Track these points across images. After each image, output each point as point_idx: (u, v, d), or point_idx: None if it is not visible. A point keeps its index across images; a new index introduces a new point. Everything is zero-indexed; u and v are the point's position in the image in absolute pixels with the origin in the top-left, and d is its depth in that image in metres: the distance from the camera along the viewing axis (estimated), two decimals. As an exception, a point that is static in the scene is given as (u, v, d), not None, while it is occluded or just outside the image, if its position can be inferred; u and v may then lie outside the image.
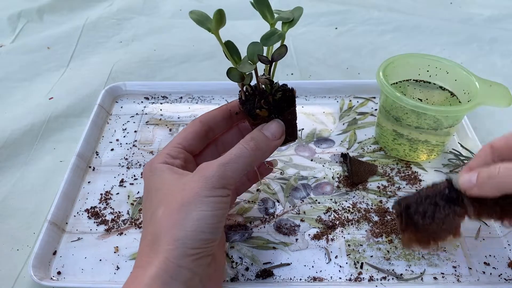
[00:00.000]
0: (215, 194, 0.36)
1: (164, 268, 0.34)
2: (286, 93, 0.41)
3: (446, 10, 0.94)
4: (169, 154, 0.41)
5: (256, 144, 0.39)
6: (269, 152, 0.40)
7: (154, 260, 0.34)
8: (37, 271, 0.45)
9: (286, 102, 0.41)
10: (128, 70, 0.78)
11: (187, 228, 0.35)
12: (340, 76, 0.77)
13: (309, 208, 0.53)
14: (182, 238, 0.35)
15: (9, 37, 0.87)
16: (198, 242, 0.35)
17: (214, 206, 0.36)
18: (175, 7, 0.96)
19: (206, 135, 0.44)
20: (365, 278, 0.46)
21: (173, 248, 0.34)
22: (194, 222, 0.35)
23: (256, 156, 0.39)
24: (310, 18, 0.92)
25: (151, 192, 0.39)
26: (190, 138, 0.43)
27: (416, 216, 0.42)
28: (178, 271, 0.34)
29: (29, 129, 0.65)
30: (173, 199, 0.36)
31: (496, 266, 0.47)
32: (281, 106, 0.40)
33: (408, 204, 0.42)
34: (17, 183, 0.58)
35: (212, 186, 0.36)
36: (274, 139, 0.40)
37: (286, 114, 0.41)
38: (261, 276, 0.46)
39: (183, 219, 0.35)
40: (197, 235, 0.35)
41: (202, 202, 0.35)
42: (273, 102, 0.40)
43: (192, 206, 0.35)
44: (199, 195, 0.36)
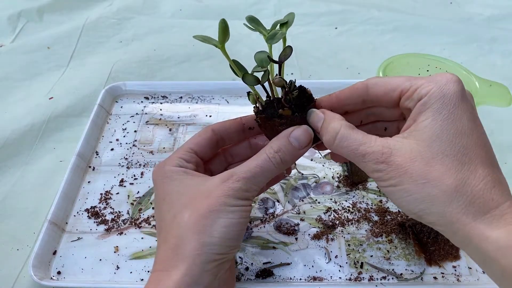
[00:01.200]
0: (240, 204, 0.37)
1: (190, 273, 0.34)
2: (302, 91, 0.40)
3: (446, 10, 0.94)
4: (182, 158, 0.41)
5: (282, 157, 0.38)
6: (293, 162, 0.39)
7: (179, 265, 0.35)
8: (37, 271, 0.45)
9: (305, 99, 0.40)
10: (128, 70, 0.78)
11: (215, 234, 0.35)
12: (340, 76, 0.77)
13: (309, 207, 0.53)
14: (210, 244, 0.35)
15: (9, 37, 0.87)
16: (224, 248, 0.36)
17: (239, 215, 0.37)
18: (175, 7, 0.96)
19: (217, 144, 0.44)
20: (365, 278, 0.46)
21: (200, 253, 0.35)
22: (222, 228, 0.36)
23: (280, 169, 0.38)
24: (310, 18, 0.92)
25: (171, 195, 0.39)
26: (203, 144, 0.43)
27: (421, 235, 0.48)
28: (202, 275, 0.35)
29: (29, 129, 0.65)
30: (199, 204, 0.37)
31: (496, 266, 0.47)
32: (301, 103, 0.39)
33: (414, 223, 0.48)
34: (17, 183, 0.58)
35: (238, 197, 0.37)
36: (301, 148, 0.38)
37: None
38: (261, 276, 0.46)
39: (210, 225, 0.36)
40: (224, 242, 0.36)
41: (228, 210, 0.36)
42: (293, 100, 0.39)
43: (219, 213, 0.36)
44: (225, 204, 0.36)
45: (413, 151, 0.33)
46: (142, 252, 0.49)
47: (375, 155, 0.34)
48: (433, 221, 0.32)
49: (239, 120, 0.44)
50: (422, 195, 0.32)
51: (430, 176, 0.32)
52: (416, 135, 0.33)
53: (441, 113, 0.33)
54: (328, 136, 0.36)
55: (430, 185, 0.31)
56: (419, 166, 0.32)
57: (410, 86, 0.35)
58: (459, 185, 0.31)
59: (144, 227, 0.51)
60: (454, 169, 0.31)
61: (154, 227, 0.52)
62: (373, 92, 0.38)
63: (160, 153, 0.61)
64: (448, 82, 0.34)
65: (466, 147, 0.32)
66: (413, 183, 0.32)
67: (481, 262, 0.31)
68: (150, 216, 0.53)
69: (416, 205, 0.32)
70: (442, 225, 0.32)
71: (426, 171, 0.32)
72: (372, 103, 0.39)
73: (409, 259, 0.47)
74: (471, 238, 0.30)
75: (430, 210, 0.32)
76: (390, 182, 0.33)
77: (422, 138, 0.33)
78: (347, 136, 0.35)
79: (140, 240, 0.50)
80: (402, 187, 0.32)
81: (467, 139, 0.32)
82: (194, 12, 0.94)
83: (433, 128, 0.33)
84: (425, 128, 0.33)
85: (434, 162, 0.32)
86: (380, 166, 0.33)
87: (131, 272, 0.47)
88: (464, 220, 0.31)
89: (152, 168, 0.59)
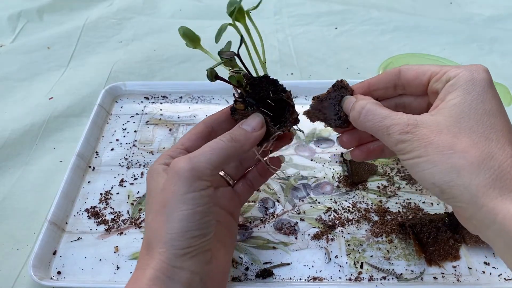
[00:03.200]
0: (192, 189, 0.35)
1: (160, 269, 0.34)
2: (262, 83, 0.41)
3: (446, 10, 0.94)
4: (169, 155, 0.41)
5: (233, 136, 0.39)
6: (249, 143, 0.39)
7: (151, 263, 0.35)
8: (37, 271, 0.45)
9: (262, 92, 0.41)
10: (128, 70, 0.78)
11: (171, 230, 0.35)
12: (340, 76, 0.76)
13: (309, 208, 0.53)
14: (170, 240, 0.35)
15: (9, 37, 0.87)
16: (187, 242, 0.35)
17: (194, 203, 0.35)
18: (175, 7, 0.96)
19: (209, 135, 0.44)
20: (365, 278, 0.46)
21: (164, 251, 0.35)
22: (177, 223, 0.35)
23: (234, 146, 0.38)
24: (310, 18, 0.92)
25: (149, 195, 0.40)
26: (193, 139, 0.43)
27: (421, 235, 0.48)
28: (174, 271, 0.35)
29: (29, 129, 0.65)
30: (156, 201, 0.37)
31: (496, 266, 0.47)
32: (260, 97, 0.41)
33: (414, 223, 0.48)
34: (17, 183, 0.58)
35: (186, 181, 0.35)
36: (254, 131, 0.39)
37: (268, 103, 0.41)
38: (261, 276, 0.46)
39: (166, 222, 0.35)
40: (183, 235, 0.35)
41: (180, 201, 0.35)
42: (246, 94, 0.41)
43: (172, 206, 0.35)
44: (175, 193, 0.35)
45: (440, 124, 0.33)
46: (142, 252, 0.49)
47: (400, 126, 0.34)
48: (456, 194, 0.31)
49: (227, 109, 0.45)
50: (447, 166, 0.31)
51: (457, 147, 0.31)
52: (444, 112, 0.34)
53: (470, 94, 0.33)
54: (354, 112, 0.38)
55: (456, 156, 0.31)
56: (445, 137, 0.32)
57: (440, 70, 0.36)
58: (487, 159, 0.31)
59: (144, 227, 0.51)
60: (482, 143, 0.31)
61: (154, 227, 0.52)
62: (405, 76, 0.39)
63: (160, 153, 0.61)
64: (478, 69, 0.35)
65: (494, 126, 0.32)
66: (439, 154, 0.31)
67: (505, 246, 0.30)
68: (150, 216, 0.53)
69: (441, 177, 0.32)
70: (465, 201, 0.31)
71: (452, 142, 0.31)
72: (403, 88, 0.40)
73: (409, 259, 0.47)
74: (496, 214, 0.29)
75: (455, 182, 0.31)
76: (414, 153, 0.33)
77: (450, 114, 0.33)
78: (373, 110, 0.36)
79: (140, 240, 0.50)
80: (427, 158, 0.32)
81: (495, 119, 0.33)
82: (194, 12, 0.94)
83: (461, 106, 0.33)
84: (454, 106, 0.33)
85: (461, 135, 0.32)
86: (404, 136, 0.33)
87: (131, 272, 0.47)
88: (490, 194, 0.30)
89: (152, 168, 0.59)
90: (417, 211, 0.52)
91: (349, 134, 0.43)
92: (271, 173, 0.48)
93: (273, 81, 0.41)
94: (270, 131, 0.41)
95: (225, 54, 0.40)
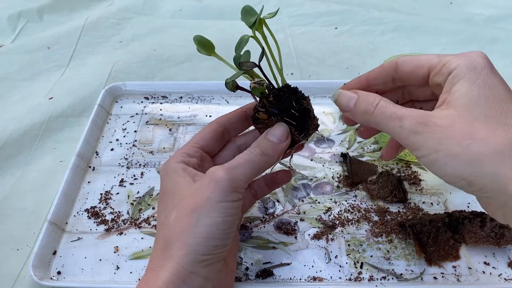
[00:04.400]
0: (226, 199, 0.36)
1: (176, 273, 0.34)
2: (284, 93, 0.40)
3: (446, 10, 0.94)
4: (186, 153, 0.41)
5: (262, 149, 0.38)
6: (277, 155, 0.39)
7: (167, 265, 0.35)
8: (37, 271, 0.45)
9: (289, 104, 0.40)
10: (128, 70, 0.78)
11: (198, 234, 0.35)
12: (340, 76, 0.77)
13: (309, 208, 0.53)
14: (193, 244, 0.35)
15: (9, 37, 0.87)
16: (209, 249, 0.35)
17: (225, 212, 0.36)
18: (175, 7, 0.96)
19: (222, 135, 0.44)
20: (365, 278, 0.46)
21: (184, 254, 0.35)
22: (205, 228, 0.35)
23: (264, 161, 0.38)
24: (310, 18, 0.92)
25: (166, 195, 0.39)
26: (208, 138, 0.43)
27: (421, 235, 0.48)
28: (190, 277, 0.34)
29: (29, 129, 0.65)
30: (185, 204, 0.36)
31: (496, 266, 0.47)
32: (284, 108, 0.40)
33: (414, 223, 0.48)
34: (17, 183, 0.58)
35: (223, 190, 0.36)
36: (280, 142, 0.39)
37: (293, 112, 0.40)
38: (261, 276, 0.46)
39: (194, 225, 0.35)
40: (208, 242, 0.35)
41: (213, 207, 0.35)
42: (269, 105, 0.40)
43: (203, 211, 0.35)
44: (210, 200, 0.35)
45: (453, 115, 0.32)
46: (142, 252, 0.49)
47: (414, 117, 0.33)
48: (484, 185, 0.30)
49: (241, 109, 0.45)
50: (469, 157, 0.30)
51: (476, 136, 0.30)
52: (454, 103, 0.32)
53: (476, 82, 0.32)
54: (367, 107, 0.36)
55: (477, 145, 0.30)
56: (461, 127, 0.31)
57: (438, 62, 0.35)
58: (509, 145, 0.30)
59: (144, 227, 0.52)
60: (500, 130, 0.30)
61: (154, 227, 0.52)
62: (402, 69, 0.38)
63: (160, 153, 0.61)
64: (477, 56, 0.34)
65: (507, 112, 0.31)
66: (457, 145, 0.30)
67: None
68: (150, 216, 0.53)
69: (464, 169, 0.30)
70: (495, 190, 0.30)
71: (470, 132, 0.30)
72: (402, 81, 0.39)
73: (409, 259, 0.47)
74: None
75: (480, 172, 0.30)
76: (429, 148, 0.31)
77: (460, 104, 0.32)
78: (385, 105, 0.35)
79: (140, 240, 0.50)
80: (445, 151, 0.31)
81: (507, 104, 0.32)
82: (194, 12, 0.94)
83: (470, 95, 0.32)
84: (463, 96, 0.32)
85: (477, 123, 0.31)
86: (418, 128, 0.32)
87: (131, 272, 0.47)
88: None
89: (152, 168, 0.59)
90: (417, 211, 0.52)
91: None
92: (277, 185, 0.48)
93: (294, 89, 0.40)
94: (295, 140, 0.41)
95: (245, 66, 0.39)
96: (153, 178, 0.57)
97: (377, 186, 0.54)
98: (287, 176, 0.47)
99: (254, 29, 0.39)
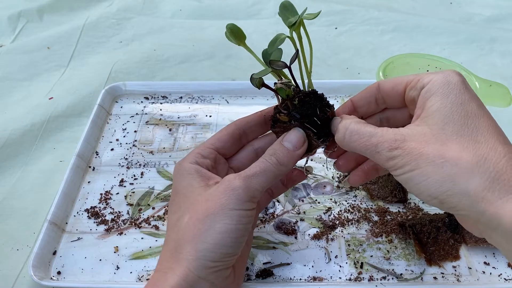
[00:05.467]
0: (241, 207, 0.36)
1: (184, 277, 0.34)
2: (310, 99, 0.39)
3: (446, 10, 0.94)
4: (200, 154, 0.41)
5: (278, 158, 0.38)
6: (292, 163, 0.39)
7: (176, 268, 0.35)
8: (37, 271, 0.45)
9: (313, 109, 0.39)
10: (128, 70, 0.78)
11: (209, 240, 0.35)
12: (340, 76, 0.77)
13: (309, 208, 0.53)
14: (204, 250, 0.35)
15: (9, 37, 0.87)
16: (219, 256, 0.35)
17: (238, 220, 0.36)
18: (175, 7, 0.96)
19: (239, 138, 0.44)
20: (365, 278, 0.46)
21: (194, 259, 0.35)
22: (216, 235, 0.35)
23: (280, 170, 0.38)
24: (310, 18, 0.92)
25: (179, 195, 0.39)
26: (224, 140, 0.43)
27: (421, 235, 0.48)
28: (198, 281, 0.35)
29: (29, 129, 0.65)
30: (199, 208, 0.36)
31: (496, 266, 0.47)
32: (307, 113, 0.39)
33: (414, 223, 0.48)
34: (17, 183, 0.58)
35: (238, 199, 0.36)
36: (295, 150, 0.39)
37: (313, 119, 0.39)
38: (261, 276, 0.46)
39: (206, 231, 0.35)
40: (218, 249, 0.35)
41: (227, 215, 0.35)
42: (292, 107, 0.39)
43: (216, 217, 0.35)
44: (224, 207, 0.35)
45: (426, 134, 0.32)
46: (142, 252, 0.49)
47: (388, 143, 0.33)
48: (456, 203, 0.30)
49: (260, 113, 0.44)
50: (441, 176, 0.30)
51: (447, 155, 0.31)
52: (427, 120, 0.33)
53: (448, 97, 0.33)
54: (339, 134, 0.37)
55: (449, 164, 0.30)
56: (434, 147, 0.31)
57: (414, 78, 0.36)
58: (480, 161, 0.30)
59: (144, 227, 0.52)
60: (472, 147, 0.31)
61: (154, 227, 0.51)
62: (383, 88, 0.39)
63: (160, 153, 0.61)
64: (450, 72, 0.35)
65: (479, 128, 0.32)
66: (431, 164, 0.31)
67: None
68: (150, 216, 0.53)
69: (437, 188, 0.31)
70: (467, 208, 0.30)
71: (442, 151, 0.31)
72: (383, 101, 0.40)
73: (409, 259, 0.47)
74: (500, 218, 0.28)
75: (452, 191, 0.30)
76: (406, 168, 0.32)
77: (433, 122, 0.33)
78: (357, 130, 0.35)
79: (140, 240, 0.50)
80: (419, 170, 0.31)
81: (478, 121, 0.32)
82: (194, 12, 0.94)
83: (443, 111, 0.32)
84: (435, 112, 0.33)
85: (450, 142, 0.31)
86: (394, 153, 0.33)
87: (131, 272, 0.47)
88: (490, 198, 0.29)
89: (152, 168, 0.59)
90: (417, 211, 0.52)
91: (344, 158, 0.43)
92: (293, 182, 0.48)
93: (320, 96, 0.40)
94: (313, 145, 0.40)
95: (276, 65, 0.38)
96: (153, 178, 0.57)
97: (377, 186, 0.54)
98: (302, 174, 0.47)
99: (292, 29, 0.38)
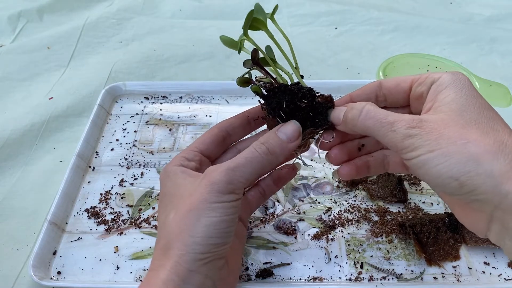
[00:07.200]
0: (222, 200, 0.36)
1: (175, 272, 0.34)
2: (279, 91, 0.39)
3: (446, 10, 0.94)
4: (184, 157, 0.41)
5: (269, 147, 0.37)
6: (284, 155, 0.38)
7: (166, 264, 0.35)
8: (37, 271, 0.45)
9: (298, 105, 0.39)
10: (128, 70, 0.78)
11: (196, 234, 0.35)
12: (340, 76, 0.77)
13: (309, 207, 0.53)
14: (192, 244, 0.35)
15: (9, 37, 0.87)
16: (207, 247, 0.35)
17: (223, 212, 0.36)
18: (175, 7, 0.96)
19: (223, 140, 0.44)
20: (365, 278, 0.46)
21: (183, 253, 0.35)
22: (202, 228, 0.35)
23: (269, 160, 0.37)
24: (310, 18, 0.92)
25: (166, 196, 0.39)
26: (208, 142, 0.43)
27: (421, 235, 0.48)
28: (190, 275, 0.35)
29: (29, 129, 0.65)
30: (183, 204, 0.37)
31: (496, 266, 0.47)
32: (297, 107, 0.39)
33: (414, 223, 0.48)
34: (17, 183, 0.58)
35: (220, 192, 0.36)
36: (289, 142, 0.38)
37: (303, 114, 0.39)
38: (261, 276, 0.46)
39: (192, 225, 0.35)
40: (206, 241, 0.35)
41: (210, 208, 0.35)
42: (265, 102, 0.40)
43: (200, 212, 0.35)
44: (206, 201, 0.35)
45: (445, 119, 0.33)
46: (142, 252, 0.49)
47: (406, 121, 0.33)
48: (478, 185, 0.30)
49: (243, 114, 0.44)
50: (465, 156, 0.30)
51: (470, 137, 0.31)
52: (443, 109, 0.34)
53: (462, 90, 0.34)
54: (355, 111, 0.36)
55: (472, 145, 0.31)
56: (455, 129, 0.32)
57: (421, 75, 0.37)
58: (502, 145, 0.31)
59: (144, 227, 0.51)
60: (491, 133, 0.31)
61: (154, 227, 0.51)
62: (385, 85, 0.39)
63: (160, 153, 0.61)
64: (458, 73, 0.36)
65: (494, 118, 0.33)
66: (453, 145, 0.31)
67: None
68: (150, 216, 0.53)
69: (459, 169, 0.30)
70: (489, 190, 0.30)
71: (464, 133, 0.31)
72: (384, 98, 0.40)
73: (409, 259, 0.47)
74: None
75: (476, 172, 0.30)
76: (424, 148, 0.32)
77: (450, 109, 0.33)
78: (374, 109, 0.36)
79: (140, 240, 0.50)
80: (441, 151, 0.31)
81: (492, 112, 0.33)
82: (194, 12, 0.94)
83: (459, 101, 0.33)
84: (451, 102, 0.34)
85: (469, 127, 0.32)
86: (412, 131, 0.33)
87: (131, 272, 0.47)
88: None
89: (152, 168, 0.59)
90: (417, 211, 0.52)
91: (337, 149, 0.42)
92: (284, 181, 0.47)
93: (289, 90, 0.39)
94: (308, 134, 0.40)
95: (247, 65, 0.39)
96: (153, 178, 0.57)
97: (377, 186, 0.54)
98: (291, 170, 0.46)
99: (244, 32, 0.39)
